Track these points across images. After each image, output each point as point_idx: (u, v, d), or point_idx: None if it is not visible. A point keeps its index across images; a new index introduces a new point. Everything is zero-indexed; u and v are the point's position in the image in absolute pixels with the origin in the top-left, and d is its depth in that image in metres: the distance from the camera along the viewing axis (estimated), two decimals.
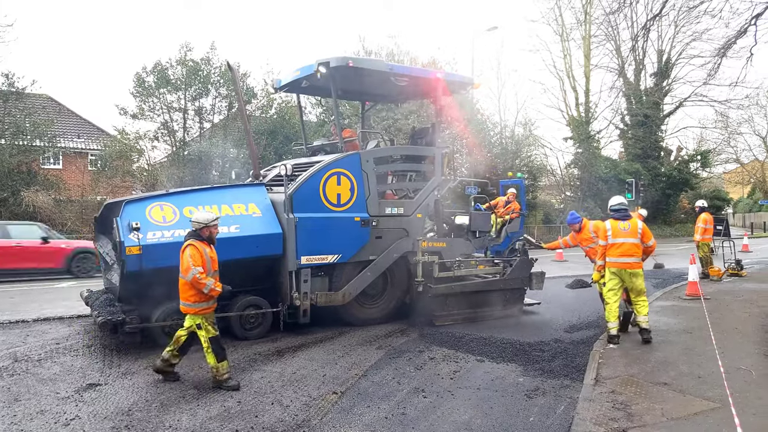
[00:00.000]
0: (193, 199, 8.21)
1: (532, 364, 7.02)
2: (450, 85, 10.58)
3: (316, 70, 8.95)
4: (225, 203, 8.17)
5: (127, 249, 7.21)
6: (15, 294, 13.11)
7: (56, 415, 5.38)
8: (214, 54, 25.36)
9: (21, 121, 21.38)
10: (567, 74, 35.24)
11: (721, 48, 14.58)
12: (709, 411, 5.20)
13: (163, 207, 7.82)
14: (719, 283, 13.41)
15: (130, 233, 7.25)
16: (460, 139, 26.62)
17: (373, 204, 9.18)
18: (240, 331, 8.21)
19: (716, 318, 9.02)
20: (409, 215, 9.62)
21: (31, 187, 19.95)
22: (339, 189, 8.84)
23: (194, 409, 5.53)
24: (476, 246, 10.75)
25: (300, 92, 11.56)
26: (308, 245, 8.44)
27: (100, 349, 7.78)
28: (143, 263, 7.28)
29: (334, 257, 8.73)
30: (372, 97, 12.21)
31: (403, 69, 10.42)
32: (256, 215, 8.26)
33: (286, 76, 10.51)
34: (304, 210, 8.45)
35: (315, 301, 8.54)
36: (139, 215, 7.53)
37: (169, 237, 7.53)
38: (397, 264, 9.49)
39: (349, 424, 5.18)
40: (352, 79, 9.71)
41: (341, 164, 8.93)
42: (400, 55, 27.03)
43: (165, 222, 7.66)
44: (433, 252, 9.63)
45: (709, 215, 14.32)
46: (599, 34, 32.81)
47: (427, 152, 10.26)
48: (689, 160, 37.85)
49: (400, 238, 9.44)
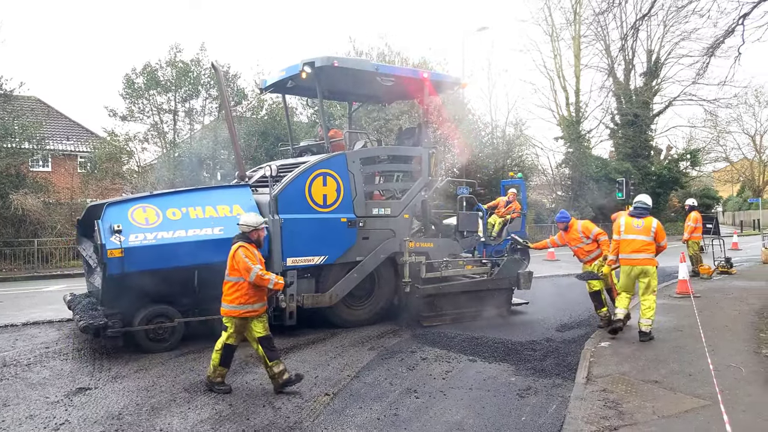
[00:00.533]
0: (176, 200, 8.13)
1: (524, 364, 7.03)
2: (437, 84, 10.57)
3: (301, 70, 8.91)
4: (209, 205, 8.09)
5: (109, 252, 7.11)
6: (2, 297, 12.99)
7: (46, 419, 5.33)
8: (203, 55, 25.20)
9: (9, 124, 21.17)
10: (557, 74, 35.39)
11: (709, 47, 14.65)
12: (699, 408, 5.23)
13: (146, 209, 7.73)
14: (709, 281, 13.51)
15: (111, 236, 7.16)
16: (451, 140, 26.66)
17: (359, 205, 9.13)
18: None
19: (706, 316, 9.07)
20: (396, 216, 9.57)
21: (19, 189, 19.76)
22: (325, 190, 8.78)
23: (185, 413, 5.50)
24: (464, 246, 10.71)
25: (286, 93, 11.50)
26: (294, 247, 8.37)
27: (89, 352, 7.72)
28: (125, 266, 7.20)
29: (321, 259, 8.68)
30: (359, 98, 12.14)
31: (390, 69, 10.36)
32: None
33: (272, 76, 10.46)
34: (289, 211, 8.40)
35: (301, 303, 8.49)
36: (121, 217, 7.45)
37: (152, 239, 7.46)
38: (385, 265, 9.45)
39: (341, 426, 5.17)
40: (337, 79, 9.66)
41: (327, 165, 8.87)
42: (390, 55, 27.00)
43: (148, 224, 7.57)
44: (421, 252, 9.56)
45: (699, 214, 14.43)
46: (589, 34, 33.01)
47: (414, 152, 10.18)
48: (679, 159, 38.07)
49: (387, 238, 9.39)
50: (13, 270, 18.37)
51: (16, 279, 17.04)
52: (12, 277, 17.31)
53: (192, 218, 7.87)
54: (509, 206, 15.84)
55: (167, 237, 7.55)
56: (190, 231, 7.71)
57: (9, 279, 16.99)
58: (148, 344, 7.63)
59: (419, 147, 10.23)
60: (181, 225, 7.74)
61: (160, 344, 7.70)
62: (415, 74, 10.37)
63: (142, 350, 7.58)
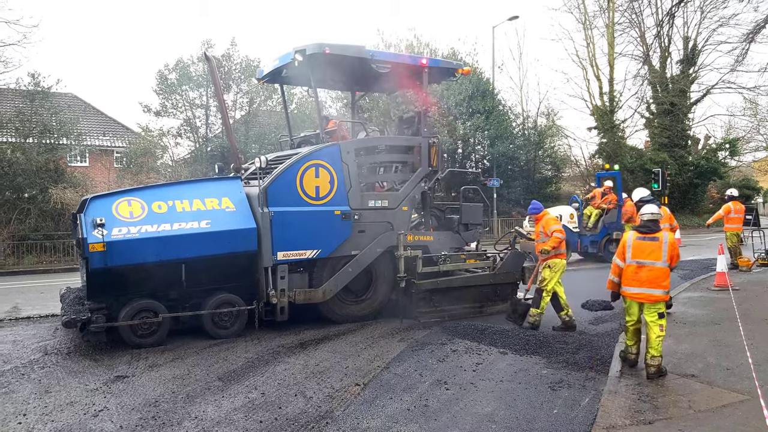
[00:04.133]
0: (163, 193, 7.99)
1: (556, 357, 6.96)
2: (437, 71, 10.18)
3: (293, 58, 8.60)
4: (197, 198, 7.93)
5: (90, 246, 6.97)
6: (43, 288, 13.41)
7: (85, 406, 5.51)
8: (234, 50, 25.52)
9: (48, 120, 21.76)
10: (590, 63, 34.61)
11: (749, 33, 14.22)
12: (737, 403, 5.10)
13: (131, 202, 7.60)
14: (748, 274, 13.13)
15: (94, 230, 7.02)
16: (481, 131, 26.40)
17: (354, 197, 8.82)
18: (212, 329, 7.90)
19: (745, 309, 8.83)
20: (395, 208, 9.24)
21: (58, 184, 20.32)
22: (317, 182, 8.50)
23: (219, 401, 5.61)
24: (467, 239, 10.25)
25: (282, 82, 11.12)
26: (285, 240, 8.12)
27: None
28: (108, 260, 7.04)
29: (313, 252, 8.40)
30: (357, 86, 11.60)
31: (386, 55, 9.74)
32: (230, 210, 7.99)
33: (268, 66, 10.15)
34: (279, 204, 8.15)
35: (293, 298, 8.23)
36: (105, 211, 7.32)
37: (136, 233, 7.28)
38: (383, 259, 9.09)
39: (371, 416, 5.20)
40: (332, 66, 9.25)
41: (319, 156, 8.58)
42: (420, 47, 26.86)
43: (132, 218, 7.42)
44: (420, 246, 9.20)
45: (737, 204, 13.90)
46: (623, 22, 32.21)
47: (413, 142, 9.79)
48: (717, 148, 36.99)
49: (384, 231, 9.04)
50: (53, 262, 18.94)
51: (56, 271, 17.57)
52: (52, 268, 17.87)
53: (179, 211, 7.71)
54: (605, 198, 16.09)
55: (151, 231, 7.38)
56: (176, 224, 7.54)
57: (50, 271, 17.56)
58: (133, 339, 7.47)
59: (418, 136, 9.84)
60: (167, 218, 7.57)
61: (146, 339, 7.53)
62: (413, 61, 9.98)
63: (128, 345, 7.47)
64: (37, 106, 21.60)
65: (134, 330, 7.49)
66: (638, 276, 6.06)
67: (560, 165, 32.99)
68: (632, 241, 6.17)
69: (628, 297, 6.20)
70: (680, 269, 14.15)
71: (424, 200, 9.87)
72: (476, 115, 26.39)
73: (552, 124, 32.68)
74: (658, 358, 5.84)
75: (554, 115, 33.13)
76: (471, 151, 29.24)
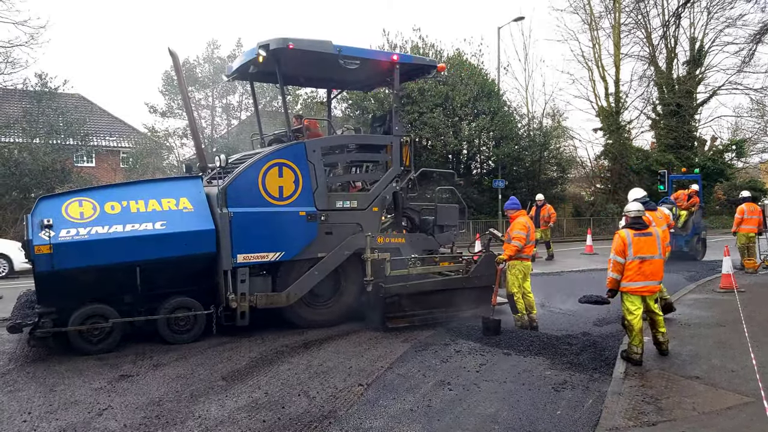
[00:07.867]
0: (117, 193, 7.70)
1: (560, 358, 6.94)
2: (410, 68, 9.93)
3: (257, 53, 8.31)
4: (153, 198, 7.63)
5: (36, 248, 6.68)
6: None
7: (90, 404, 5.54)
8: (240, 51, 25.60)
9: (54, 121, 21.92)
10: (596, 64, 34.47)
11: (756, 34, 14.17)
12: (742, 405, 5.08)
13: (83, 203, 7.33)
14: (755, 276, 13.06)
15: (40, 231, 6.74)
16: (486, 132, 26.38)
17: (321, 197, 8.55)
18: (168, 334, 7.62)
19: (750, 311, 8.78)
20: (364, 209, 8.97)
21: (65, 184, 20.44)
22: (281, 181, 8.21)
23: (222, 400, 5.63)
24: (441, 242, 9.93)
25: (251, 79, 10.68)
26: (245, 242, 7.83)
27: (132, 341, 7.94)
28: (55, 263, 6.74)
29: (276, 255, 8.11)
30: (330, 83, 11.26)
31: (354, 51, 9.40)
32: (187, 210, 7.68)
33: (235, 62, 9.89)
34: (240, 204, 7.87)
35: (254, 302, 7.94)
36: (54, 211, 7.05)
37: (85, 235, 6.98)
38: (351, 262, 8.79)
39: (374, 416, 5.20)
40: (299, 62, 9.00)
41: (283, 155, 8.30)
42: (425, 48, 26.82)
43: (82, 219, 7.13)
44: (392, 248, 8.95)
45: (751, 205, 13.75)
46: (629, 22, 32.17)
47: (384, 140, 9.50)
48: (724, 149, 36.80)
49: (353, 233, 8.76)
50: None
51: None
52: None
53: (132, 212, 7.41)
54: (691, 200, 16.98)
55: (102, 232, 7.09)
56: (129, 226, 7.23)
57: None
58: (82, 345, 7.17)
59: (389, 135, 9.53)
60: (119, 219, 7.28)
61: (96, 345, 7.22)
62: (383, 56, 9.69)
63: (77, 352, 7.19)
64: (44, 106, 21.76)
65: (84, 335, 7.18)
66: (642, 270, 6.39)
67: (566, 166, 32.89)
68: (631, 239, 6.44)
69: (634, 291, 6.45)
70: (686, 271, 14.10)
71: (395, 201, 9.50)
72: (481, 116, 26.37)
73: (557, 125, 32.61)
74: (667, 334, 6.75)
75: (560, 116, 33.10)
76: (476, 152, 29.21)
